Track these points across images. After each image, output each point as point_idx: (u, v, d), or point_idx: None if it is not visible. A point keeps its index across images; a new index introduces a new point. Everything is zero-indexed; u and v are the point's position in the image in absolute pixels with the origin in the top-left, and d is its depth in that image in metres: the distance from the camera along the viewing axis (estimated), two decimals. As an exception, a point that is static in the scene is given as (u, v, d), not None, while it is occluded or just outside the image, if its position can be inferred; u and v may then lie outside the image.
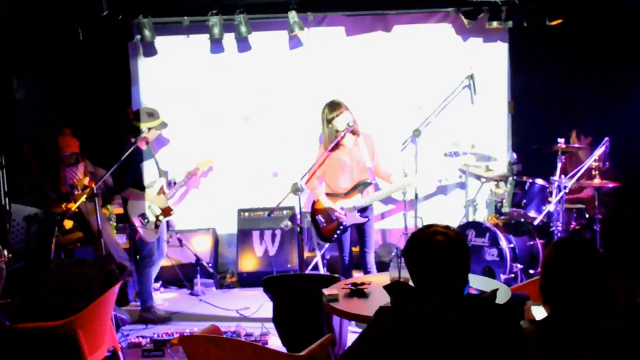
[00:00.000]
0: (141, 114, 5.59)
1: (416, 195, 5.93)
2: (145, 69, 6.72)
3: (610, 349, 2.14)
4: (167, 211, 5.63)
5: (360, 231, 5.09)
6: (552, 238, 5.35)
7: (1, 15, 5.55)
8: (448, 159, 4.98)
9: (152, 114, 5.62)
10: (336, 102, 5.00)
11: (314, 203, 5.21)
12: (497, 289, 2.32)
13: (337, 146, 5.02)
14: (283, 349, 3.96)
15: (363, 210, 5.02)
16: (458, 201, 6.49)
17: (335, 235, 5.07)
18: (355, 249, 5.24)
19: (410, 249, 2.26)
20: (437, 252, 2.17)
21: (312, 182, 5.15)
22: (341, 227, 5.03)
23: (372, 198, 5.00)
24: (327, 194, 5.11)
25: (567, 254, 2.29)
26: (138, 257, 5.56)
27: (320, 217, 5.14)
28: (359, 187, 5.02)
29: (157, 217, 5.54)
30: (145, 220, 5.47)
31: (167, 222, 5.82)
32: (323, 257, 6.33)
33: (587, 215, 5.82)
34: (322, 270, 6.19)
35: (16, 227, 5.10)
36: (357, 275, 4.98)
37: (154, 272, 5.70)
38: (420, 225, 5.13)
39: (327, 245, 6.19)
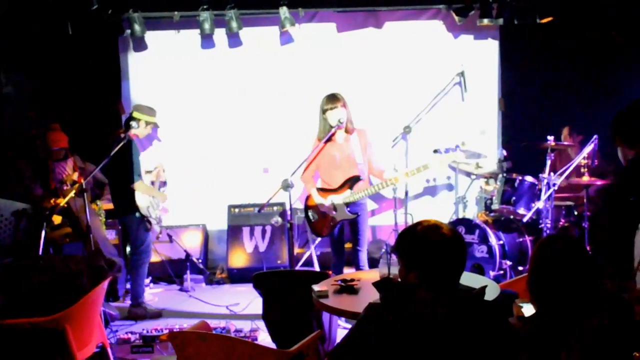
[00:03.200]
0: (142, 107, 5.58)
1: (406, 193, 5.95)
2: (136, 64, 6.69)
3: (597, 346, 2.16)
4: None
5: (353, 228, 5.07)
6: (541, 235, 5.38)
7: None
8: (437, 155, 4.96)
9: (152, 111, 5.63)
10: (334, 96, 4.97)
11: (307, 198, 5.20)
12: (486, 286, 2.33)
13: (329, 141, 5.01)
14: (273, 345, 3.96)
15: (353, 206, 5.01)
16: (448, 198, 6.51)
17: (327, 231, 5.07)
18: (348, 246, 5.24)
19: (412, 242, 2.24)
20: (445, 246, 2.18)
21: (306, 176, 5.13)
22: (332, 223, 5.03)
23: (362, 194, 5.00)
24: (321, 189, 5.10)
25: (555, 252, 2.31)
26: (134, 251, 5.42)
27: (312, 213, 5.13)
28: (349, 182, 5.02)
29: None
30: (154, 215, 5.45)
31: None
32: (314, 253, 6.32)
33: (575, 213, 5.86)
34: (317, 266, 6.18)
35: (4, 223, 5.08)
36: (349, 272, 4.98)
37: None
38: (410, 222, 5.13)
39: (318, 240, 6.19)
